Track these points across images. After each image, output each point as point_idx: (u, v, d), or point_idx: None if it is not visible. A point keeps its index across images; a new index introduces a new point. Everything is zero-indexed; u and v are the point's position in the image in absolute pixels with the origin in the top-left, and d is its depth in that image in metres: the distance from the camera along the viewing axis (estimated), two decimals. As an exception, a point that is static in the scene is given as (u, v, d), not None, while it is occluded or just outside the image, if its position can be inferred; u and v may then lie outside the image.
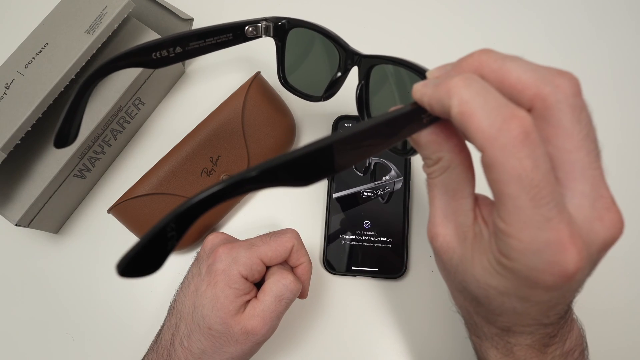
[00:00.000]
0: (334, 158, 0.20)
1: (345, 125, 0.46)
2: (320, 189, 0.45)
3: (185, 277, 0.36)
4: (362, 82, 0.35)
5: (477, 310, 0.26)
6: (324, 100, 0.39)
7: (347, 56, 0.36)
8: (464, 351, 0.41)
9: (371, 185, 0.45)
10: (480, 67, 0.21)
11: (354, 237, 0.43)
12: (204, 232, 0.43)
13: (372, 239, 0.43)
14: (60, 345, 0.42)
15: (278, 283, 0.33)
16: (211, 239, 0.36)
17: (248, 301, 0.33)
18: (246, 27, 0.37)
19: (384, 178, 0.45)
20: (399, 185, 0.44)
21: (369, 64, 0.35)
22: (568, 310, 0.26)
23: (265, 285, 0.34)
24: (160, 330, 0.35)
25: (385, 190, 0.44)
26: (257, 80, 0.43)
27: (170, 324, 0.34)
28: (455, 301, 0.28)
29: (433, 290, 0.43)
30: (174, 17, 0.45)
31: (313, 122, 0.48)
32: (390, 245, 0.43)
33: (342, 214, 0.44)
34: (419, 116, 0.22)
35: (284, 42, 0.39)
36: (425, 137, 0.23)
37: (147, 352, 0.35)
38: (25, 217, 0.39)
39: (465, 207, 0.23)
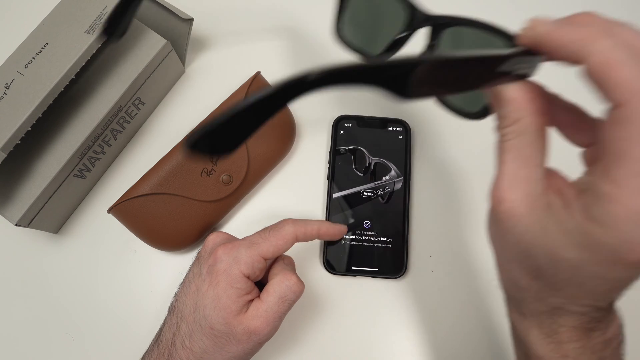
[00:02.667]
0: (411, 80, 0.19)
1: (346, 125, 0.46)
2: (320, 188, 0.45)
3: (186, 277, 0.36)
4: (431, 45, 0.32)
5: (531, 284, 0.24)
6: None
7: (416, 15, 0.33)
8: (464, 350, 0.41)
9: (371, 185, 0.45)
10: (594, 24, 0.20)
11: (354, 237, 0.43)
12: (203, 232, 0.43)
13: (372, 239, 0.43)
14: (60, 345, 0.42)
15: (282, 284, 0.33)
16: (212, 239, 0.36)
17: (250, 301, 0.33)
18: None
19: (383, 178, 0.45)
20: (399, 185, 0.44)
21: (440, 25, 0.32)
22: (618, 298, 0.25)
23: (269, 285, 0.34)
24: (161, 329, 0.35)
25: (385, 190, 0.44)
26: (257, 80, 0.44)
27: (171, 323, 0.34)
28: (503, 274, 0.27)
29: (433, 290, 0.43)
30: (174, 17, 0.45)
31: (313, 122, 0.48)
32: (390, 245, 0.43)
33: (342, 213, 0.44)
34: (515, 64, 0.21)
35: None
36: (513, 92, 0.22)
37: (147, 351, 0.35)
38: (25, 217, 0.39)
39: (536, 175, 0.22)
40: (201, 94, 0.49)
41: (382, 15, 0.36)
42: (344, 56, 0.50)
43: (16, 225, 0.39)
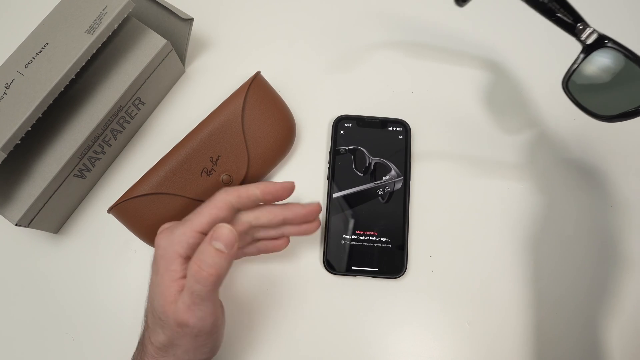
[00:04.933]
0: None
1: (346, 125, 0.46)
2: (320, 188, 0.45)
3: None
4: None
5: None
6: (602, 121, 0.37)
7: None
8: (462, 350, 0.41)
9: (371, 185, 0.45)
10: None
11: (354, 237, 0.43)
12: (204, 232, 0.43)
13: (372, 239, 0.43)
14: (59, 345, 0.42)
15: (189, 272, 0.30)
16: (160, 228, 0.33)
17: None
18: (579, 24, 0.37)
19: (384, 178, 0.45)
20: (399, 185, 0.45)
21: None
22: None
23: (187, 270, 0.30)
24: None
25: (385, 190, 0.44)
26: (257, 80, 0.44)
27: (143, 321, 0.34)
28: None
29: (433, 290, 0.43)
30: (174, 17, 0.45)
31: (313, 122, 0.48)
32: (390, 245, 0.43)
33: (342, 213, 0.44)
34: None
35: (588, 54, 0.38)
36: None
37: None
38: (25, 217, 0.39)
39: None
40: (201, 94, 0.49)
41: (624, 83, 0.37)
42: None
43: (16, 225, 0.39)
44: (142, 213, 0.40)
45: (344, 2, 0.52)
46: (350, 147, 0.46)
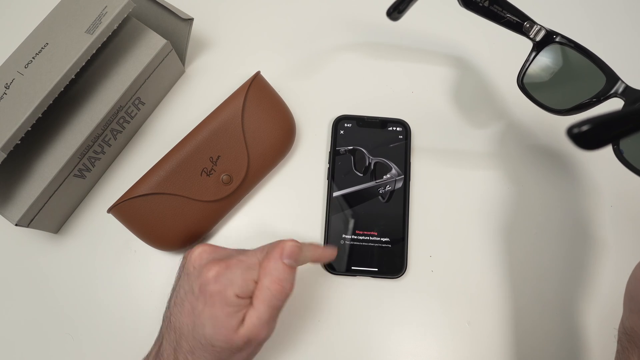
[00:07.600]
0: None
1: (346, 125, 0.46)
2: (320, 188, 0.45)
3: (177, 293, 0.35)
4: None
5: None
6: (560, 115, 0.38)
7: (609, 85, 0.35)
8: (462, 350, 0.41)
9: (371, 184, 0.45)
10: None
11: (354, 237, 0.43)
12: (204, 232, 0.43)
13: (372, 238, 0.43)
14: (59, 345, 0.42)
15: (267, 291, 0.33)
16: (199, 254, 0.35)
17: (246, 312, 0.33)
18: (525, 23, 0.38)
19: (384, 177, 0.45)
20: (399, 184, 0.45)
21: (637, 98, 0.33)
22: None
23: (258, 290, 0.33)
24: (160, 342, 0.35)
25: (386, 189, 0.44)
26: (257, 80, 0.44)
27: (170, 338, 0.34)
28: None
29: (433, 290, 0.43)
30: (174, 17, 0.45)
31: (313, 122, 0.48)
32: (390, 245, 0.43)
33: (342, 213, 0.44)
34: None
35: (539, 51, 0.38)
36: None
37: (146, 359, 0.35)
38: (25, 217, 0.39)
39: None
40: (201, 94, 0.49)
41: (576, 76, 0.38)
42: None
43: (16, 225, 0.39)
44: (142, 213, 0.40)
45: (341, 4, 0.52)
46: (349, 148, 0.46)
